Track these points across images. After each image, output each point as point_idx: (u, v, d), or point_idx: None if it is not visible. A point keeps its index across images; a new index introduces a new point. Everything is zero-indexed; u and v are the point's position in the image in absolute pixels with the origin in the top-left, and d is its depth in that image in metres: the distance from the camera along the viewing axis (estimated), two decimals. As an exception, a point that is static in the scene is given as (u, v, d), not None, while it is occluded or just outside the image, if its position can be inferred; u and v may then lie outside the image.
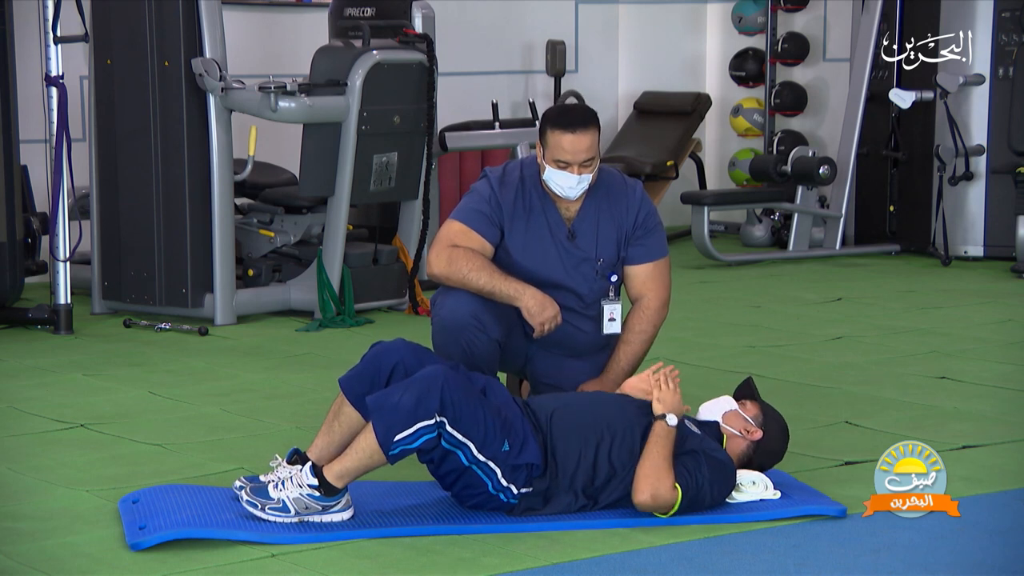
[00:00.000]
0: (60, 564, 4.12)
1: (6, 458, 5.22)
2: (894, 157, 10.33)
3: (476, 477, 4.38)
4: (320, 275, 7.79)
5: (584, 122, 4.92)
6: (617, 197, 5.06)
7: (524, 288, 4.91)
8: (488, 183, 5.03)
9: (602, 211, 5.04)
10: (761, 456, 4.67)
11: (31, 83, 7.97)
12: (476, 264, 4.92)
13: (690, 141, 11.18)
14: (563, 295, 5.02)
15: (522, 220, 5.01)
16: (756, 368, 6.62)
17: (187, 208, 7.72)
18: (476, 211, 5.00)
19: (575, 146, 4.88)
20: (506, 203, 5.00)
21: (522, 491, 4.40)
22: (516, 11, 11.13)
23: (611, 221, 5.04)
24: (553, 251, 5.02)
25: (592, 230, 5.03)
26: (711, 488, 4.45)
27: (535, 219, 5.01)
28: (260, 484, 4.40)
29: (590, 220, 5.03)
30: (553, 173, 4.94)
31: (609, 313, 5.09)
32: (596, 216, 5.04)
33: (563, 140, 4.88)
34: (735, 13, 11.59)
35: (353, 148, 7.78)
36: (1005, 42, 9.89)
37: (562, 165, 4.91)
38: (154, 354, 7.08)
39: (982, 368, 6.66)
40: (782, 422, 4.74)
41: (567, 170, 4.91)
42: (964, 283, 9.14)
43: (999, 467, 5.07)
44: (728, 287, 9.04)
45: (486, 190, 5.02)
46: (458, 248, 4.95)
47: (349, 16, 8.38)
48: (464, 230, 4.98)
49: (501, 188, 5.02)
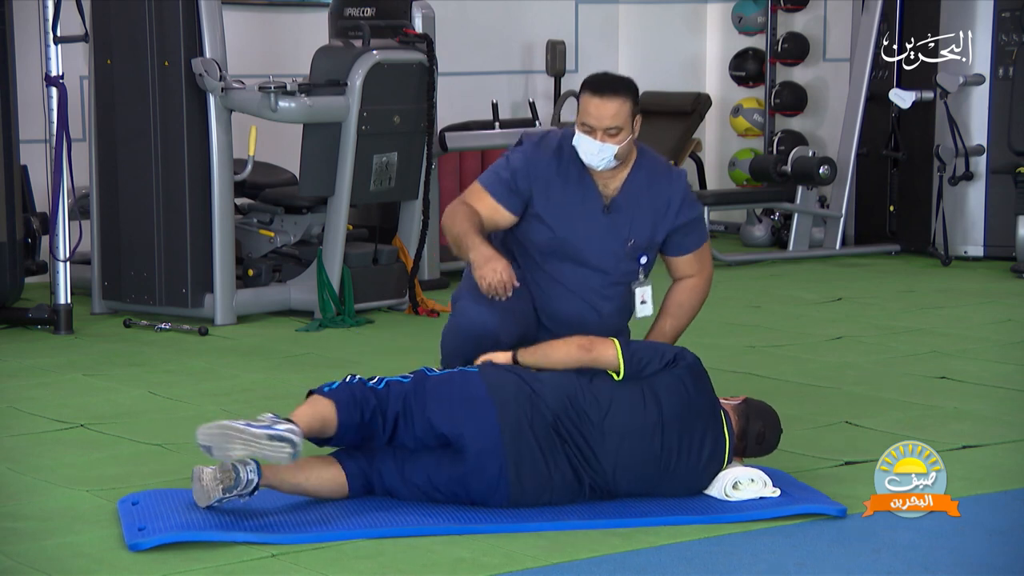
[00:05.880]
0: (60, 564, 4.12)
1: (6, 458, 5.22)
2: (894, 157, 10.33)
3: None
4: (320, 275, 7.79)
5: (613, 89, 4.90)
6: (659, 183, 5.03)
7: (479, 245, 4.88)
8: (523, 151, 5.03)
9: (642, 193, 5.00)
10: (755, 422, 4.66)
11: (31, 83, 7.97)
12: (463, 217, 4.94)
13: (690, 141, 11.18)
14: (587, 273, 5.00)
15: (557, 186, 4.97)
16: (756, 368, 6.63)
17: (187, 208, 7.72)
18: (497, 176, 5.01)
19: (600, 111, 4.86)
20: (541, 166, 4.98)
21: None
22: (516, 11, 11.13)
23: (649, 205, 5.00)
24: (584, 222, 4.97)
25: (629, 210, 4.99)
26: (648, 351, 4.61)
27: (571, 188, 4.98)
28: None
29: (629, 199, 5.00)
30: (579, 137, 4.92)
31: (640, 296, 5.08)
32: (635, 197, 5.00)
33: (590, 103, 4.88)
34: (735, 13, 11.60)
35: (353, 148, 7.78)
36: (1005, 42, 9.89)
37: (587, 129, 4.89)
38: (154, 354, 7.08)
39: (982, 368, 6.66)
40: (767, 407, 4.74)
41: (591, 136, 4.88)
42: (964, 283, 9.14)
43: (999, 467, 5.07)
44: (728, 287, 9.03)
45: (518, 159, 5.01)
46: (464, 206, 4.99)
47: (349, 16, 8.38)
48: (480, 192, 5.02)
49: (536, 151, 5.01)
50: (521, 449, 4.45)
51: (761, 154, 11.08)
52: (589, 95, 4.89)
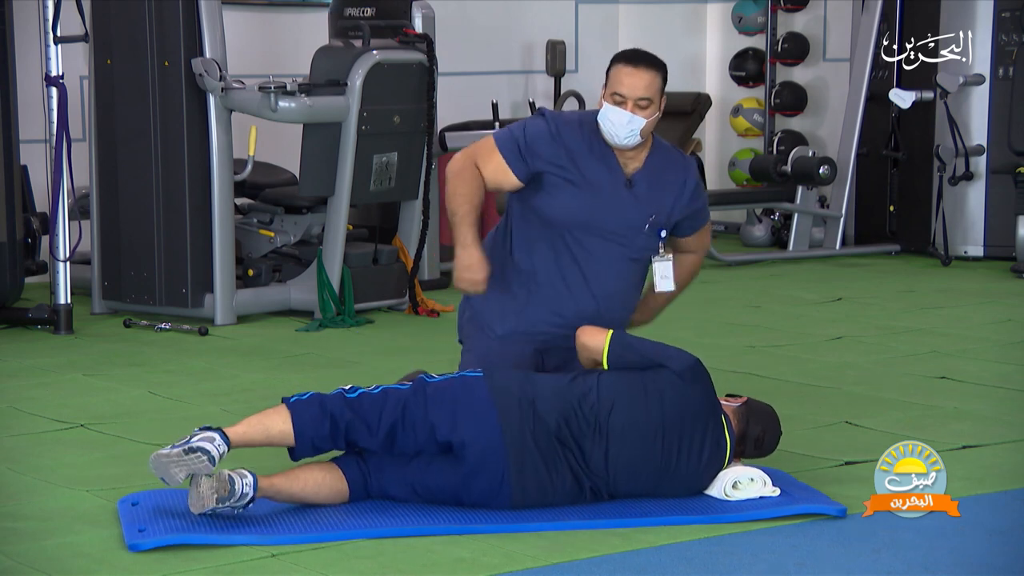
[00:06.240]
0: (60, 564, 4.12)
1: (6, 458, 5.22)
2: (894, 157, 10.33)
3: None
4: (320, 275, 7.80)
5: (649, 61, 4.96)
6: (674, 166, 5.09)
7: (469, 244, 4.93)
8: (546, 121, 5.02)
9: (660, 174, 5.05)
10: (754, 426, 4.66)
11: (31, 83, 7.97)
12: (466, 193, 4.95)
13: (690, 141, 11.18)
14: (607, 246, 5.00)
15: (585, 156, 4.99)
16: (756, 368, 6.63)
17: (187, 208, 7.72)
18: (513, 138, 5.00)
19: (633, 80, 4.90)
20: (568, 136, 4.98)
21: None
22: (516, 11, 11.13)
23: (667, 186, 5.05)
24: (607, 193, 4.99)
25: (649, 185, 5.03)
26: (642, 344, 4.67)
27: (596, 160, 4.99)
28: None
29: (649, 177, 5.03)
30: (608, 109, 4.93)
31: (661, 271, 5.12)
32: (655, 176, 5.04)
33: (623, 73, 4.91)
34: (735, 13, 11.59)
35: (353, 148, 7.78)
36: (1005, 42, 9.89)
37: (619, 99, 4.90)
38: (154, 354, 7.08)
39: (982, 368, 6.66)
40: (768, 410, 4.74)
41: (622, 106, 4.89)
42: (964, 283, 9.14)
43: (999, 467, 5.07)
44: (728, 287, 9.04)
45: (539, 127, 5.01)
46: (472, 170, 4.98)
47: (349, 16, 8.38)
48: (491, 149, 5.00)
49: (561, 122, 5.01)
50: (523, 455, 4.44)
51: (761, 154, 11.08)
52: (623, 65, 4.94)
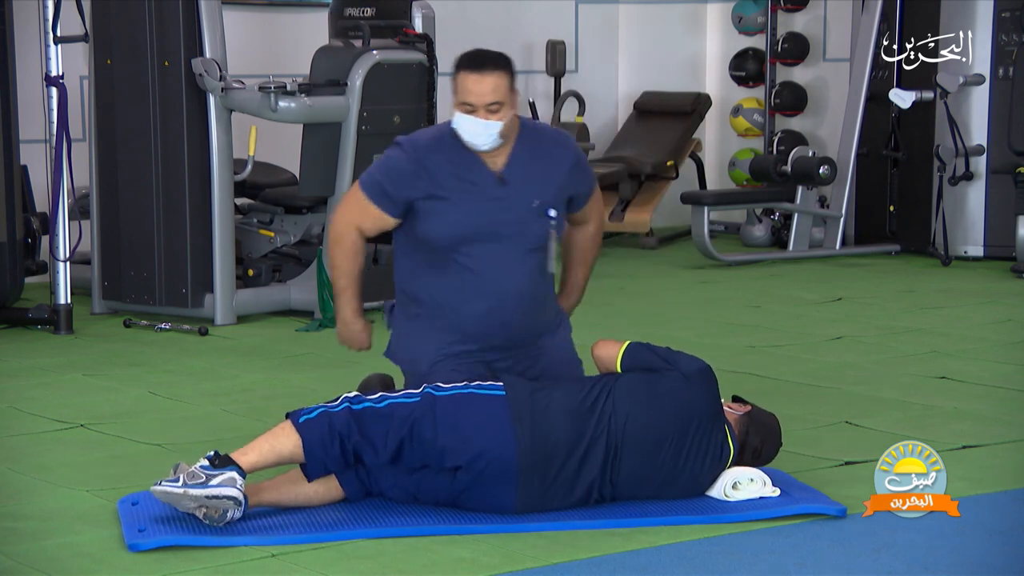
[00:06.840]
0: (60, 564, 4.12)
1: (6, 458, 5.22)
2: (894, 157, 10.33)
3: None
4: (320, 275, 7.79)
5: (492, 62, 4.79)
6: (550, 142, 4.98)
7: (349, 320, 5.13)
8: (401, 150, 4.91)
9: (534, 155, 4.92)
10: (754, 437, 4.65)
11: (31, 83, 7.97)
12: (345, 267, 5.06)
13: (690, 141, 11.19)
14: (504, 247, 4.88)
15: (447, 172, 4.86)
16: (756, 368, 6.63)
17: (187, 208, 7.72)
18: (376, 184, 4.90)
19: (479, 87, 4.75)
20: (425, 160, 4.86)
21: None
22: (516, 11, 11.13)
23: (546, 164, 4.93)
24: (481, 204, 4.86)
25: (523, 173, 4.89)
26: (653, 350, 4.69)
27: (462, 170, 4.86)
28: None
29: (520, 164, 4.90)
30: (461, 119, 4.80)
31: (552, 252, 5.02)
32: (527, 160, 4.90)
33: (468, 81, 4.77)
34: (735, 13, 11.59)
35: (353, 148, 7.79)
36: (1005, 42, 9.89)
37: (468, 109, 4.77)
38: (154, 354, 7.08)
39: (982, 368, 6.66)
40: (770, 420, 4.74)
41: (474, 115, 4.77)
42: (964, 283, 9.14)
43: (999, 467, 5.07)
44: (728, 287, 9.03)
45: (395, 163, 4.90)
46: (351, 236, 4.98)
47: (349, 16, 8.38)
48: (364, 202, 4.93)
49: (416, 149, 4.88)
50: (534, 475, 4.40)
51: (761, 154, 11.08)
52: (466, 73, 4.78)
